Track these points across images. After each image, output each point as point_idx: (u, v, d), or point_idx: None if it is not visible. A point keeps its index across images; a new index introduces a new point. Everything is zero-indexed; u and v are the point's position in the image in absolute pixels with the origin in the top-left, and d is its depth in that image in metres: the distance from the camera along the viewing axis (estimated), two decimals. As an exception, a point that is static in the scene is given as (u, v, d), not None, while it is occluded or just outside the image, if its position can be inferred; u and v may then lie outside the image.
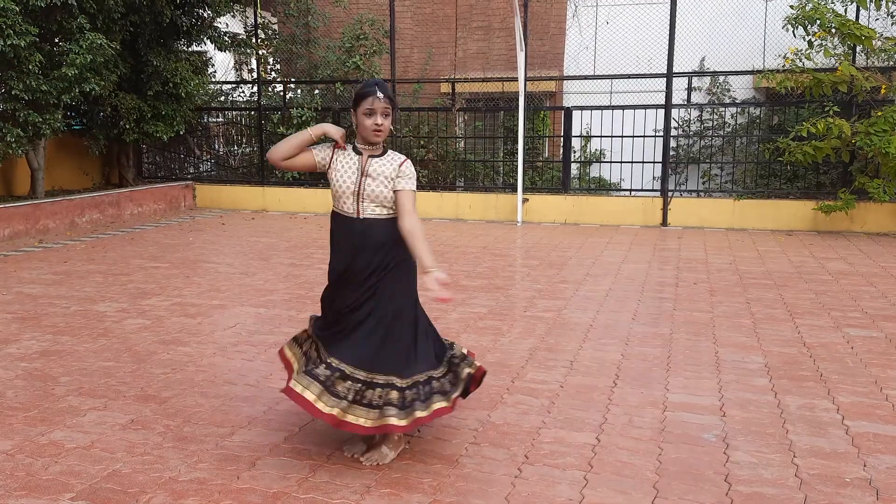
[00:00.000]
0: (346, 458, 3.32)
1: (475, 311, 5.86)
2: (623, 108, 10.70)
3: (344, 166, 3.29)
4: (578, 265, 7.64)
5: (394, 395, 3.19)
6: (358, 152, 3.31)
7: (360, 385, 3.19)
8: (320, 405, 3.12)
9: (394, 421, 3.12)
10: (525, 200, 10.74)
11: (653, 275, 7.16)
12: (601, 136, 11.05)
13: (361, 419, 3.14)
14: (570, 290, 6.54)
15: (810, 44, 8.96)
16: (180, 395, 4.08)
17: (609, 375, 4.37)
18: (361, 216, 3.25)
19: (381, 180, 3.24)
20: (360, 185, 3.24)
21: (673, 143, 11.53)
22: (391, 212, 3.27)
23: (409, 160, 3.35)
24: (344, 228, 3.30)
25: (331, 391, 3.16)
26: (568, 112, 10.96)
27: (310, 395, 3.13)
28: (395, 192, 3.25)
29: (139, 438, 3.53)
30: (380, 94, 3.18)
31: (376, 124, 3.19)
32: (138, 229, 10.25)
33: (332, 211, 3.39)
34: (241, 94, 13.89)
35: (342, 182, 3.27)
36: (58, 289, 6.64)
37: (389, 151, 3.34)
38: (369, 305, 3.25)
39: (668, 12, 10.16)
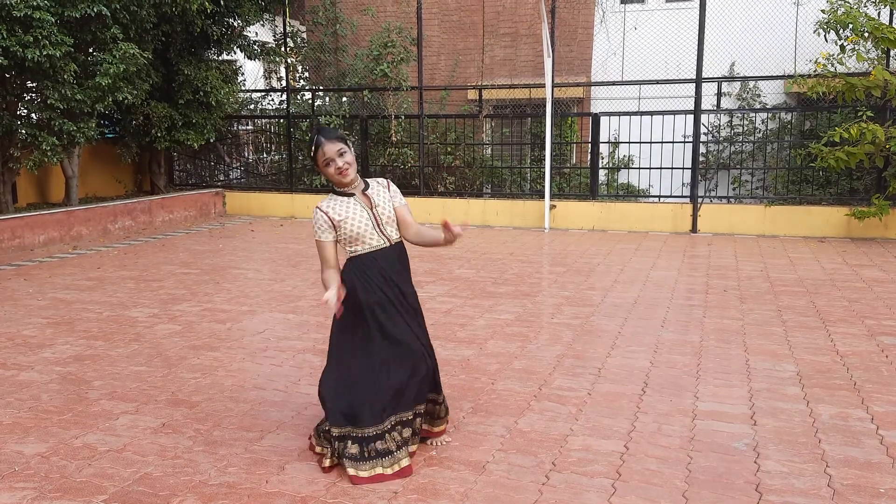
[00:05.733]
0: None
1: (502, 317, 5.85)
2: (652, 113, 10.61)
3: (350, 213, 3.30)
4: (606, 272, 7.60)
5: (418, 423, 3.39)
6: (347, 195, 3.34)
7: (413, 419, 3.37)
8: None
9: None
10: (552, 207, 10.71)
11: (682, 282, 7.10)
12: (629, 142, 10.99)
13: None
14: (597, 297, 6.50)
15: (842, 48, 8.82)
16: (210, 400, 4.13)
17: (637, 383, 4.33)
18: (393, 242, 3.37)
19: (384, 203, 3.38)
20: (376, 217, 3.33)
21: (702, 149, 11.43)
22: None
23: (388, 179, 3.51)
24: (380, 261, 3.31)
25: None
26: (596, 118, 10.91)
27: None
28: (395, 209, 3.39)
29: (170, 442, 3.57)
30: (323, 140, 3.25)
31: (338, 167, 3.26)
32: (169, 236, 10.39)
33: (352, 257, 3.34)
34: (271, 102, 14.04)
35: (360, 224, 3.30)
36: (91, 294, 6.76)
37: (368, 180, 3.43)
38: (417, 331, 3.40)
39: (697, 17, 10.08)
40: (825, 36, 8.75)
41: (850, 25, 8.49)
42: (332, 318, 3.35)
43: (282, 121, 12.97)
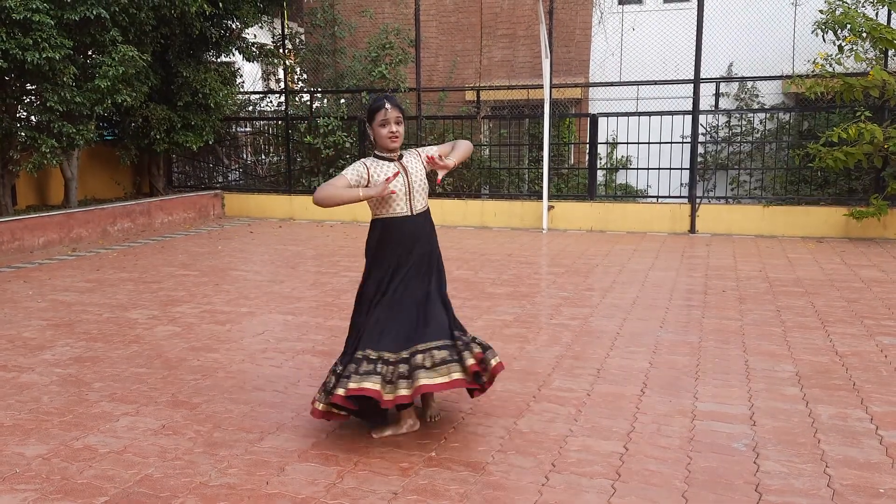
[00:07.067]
0: (372, 464, 3.34)
1: (501, 318, 5.86)
2: (650, 114, 10.61)
3: (383, 175, 3.56)
4: (605, 272, 7.61)
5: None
6: (387, 160, 3.66)
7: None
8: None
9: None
10: (551, 207, 10.72)
11: (681, 282, 7.11)
12: (627, 143, 11.00)
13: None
14: (596, 298, 6.51)
15: (840, 48, 8.83)
16: (210, 401, 4.13)
17: (637, 383, 4.34)
18: (414, 213, 3.65)
19: (418, 168, 3.69)
20: (409, 185, 3.64)
21: (701, 150, 11.44)
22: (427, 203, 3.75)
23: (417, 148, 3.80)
24: (407, 226, 3.62)
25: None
26: (594, 119, 10.92)
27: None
28: (428, 157, 3.69)
29: (170, 444, 3.58)
30: (388, 106, 3.55)
31: (391, 132, 3.57)
32: (168, 238, 10.39)
33: (378, 219, 3.64)
34: (269, 104, 14.06)
35: (393, 186, 3.57)
36: (90, 296, 6.76)
37: (403, 151, 3.75)
38: (430, 288, 3.70)
39: (695, 18, 10.10)
40: (823, 36, 8.76)
41: (848, 26, 8.50)
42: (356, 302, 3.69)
43: (280, 122, 12.97)
